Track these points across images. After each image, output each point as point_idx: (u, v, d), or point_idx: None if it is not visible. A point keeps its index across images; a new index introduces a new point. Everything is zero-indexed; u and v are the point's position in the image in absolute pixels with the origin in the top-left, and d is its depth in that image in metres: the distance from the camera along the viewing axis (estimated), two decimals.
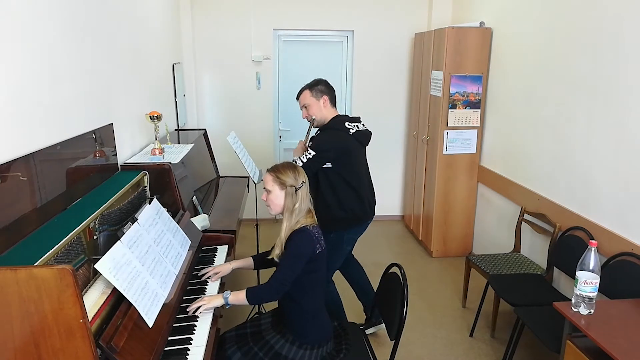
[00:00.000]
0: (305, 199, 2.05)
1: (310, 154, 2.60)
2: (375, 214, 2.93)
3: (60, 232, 1.67)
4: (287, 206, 2.03)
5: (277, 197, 2.04)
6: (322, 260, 2.05)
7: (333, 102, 2.75)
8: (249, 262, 2.32)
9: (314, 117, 2.73)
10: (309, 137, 2.82)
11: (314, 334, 2.06)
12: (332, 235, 2.72)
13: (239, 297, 1.99)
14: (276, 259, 2.06)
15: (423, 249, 4.50)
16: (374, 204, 2.86)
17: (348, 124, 2.66)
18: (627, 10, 2.45)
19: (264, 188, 2.09)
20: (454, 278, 3.89)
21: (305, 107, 2.73)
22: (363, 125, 2.76)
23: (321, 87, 2.71)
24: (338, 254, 2.79)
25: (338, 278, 2.98)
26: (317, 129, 2.81)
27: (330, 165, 2.63)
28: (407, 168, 5.02)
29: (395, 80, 4.92)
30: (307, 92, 2.72)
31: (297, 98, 2.78)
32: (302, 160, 2.62)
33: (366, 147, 2.82)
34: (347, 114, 2.72)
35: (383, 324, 2.96)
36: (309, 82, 2.79)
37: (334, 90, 2.77)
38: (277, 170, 2.05)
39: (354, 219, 2.72)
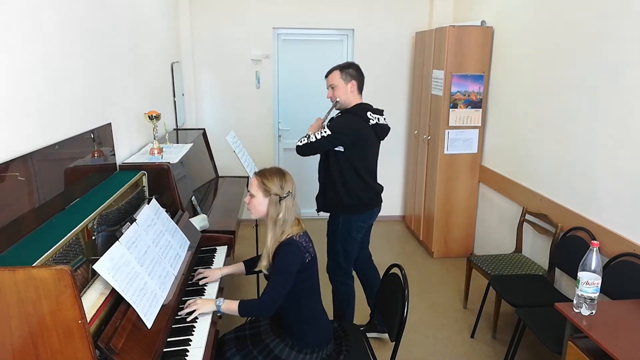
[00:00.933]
0: (292, 209, 1.98)
1: (325, 132, 2.60)
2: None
3: (59, 233, 1.66)
4: (270, 215, 1.97)
5: (260, 203, 1.99)
6: (313, 268, 2.02)
7: (360, 88, 2.74)
8: (240, 267, 2.29)
9: (338, 100, 2.71)
10: (328, 118, 2.81)
11: (313, 338, 2.04)
12: (341, 223, 2.74)
13: (230, 307, 1.95)
14: (264, 271, 2.02)
15: (424, 250, 4.49)
16: (381, 191, 2.85)
17: (370, 114, 2.65)
18: (629, 9, 2.44)
19: (248, 191, 2.04)
20: (455, 279, 3.88)
21: (332, 87, 2.71)
22: (384, 119, 2.76)
23: (352, 71, 2.69)
24: (350, 243, 2.79)
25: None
26: (338, 111, 2.79)
27: (342, 150, 2.63)
28: (408, 168, 5.00)
29: (396, 80, 4.90)
30: (337, 73, 2.70)
31: (326, 76, 2.76)
32: (316, 137, 2.62)
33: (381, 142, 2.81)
34: (371, 104, 2.72)
35: (386, 334, 2.96)
36: (340, 63, 2.76)
37: (363, 77, 2.75)
38: (263, 175, 1.99)
39: (361, 205, 2.72)
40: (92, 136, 2.25)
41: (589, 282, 1.97)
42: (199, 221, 2.69)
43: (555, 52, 3.04)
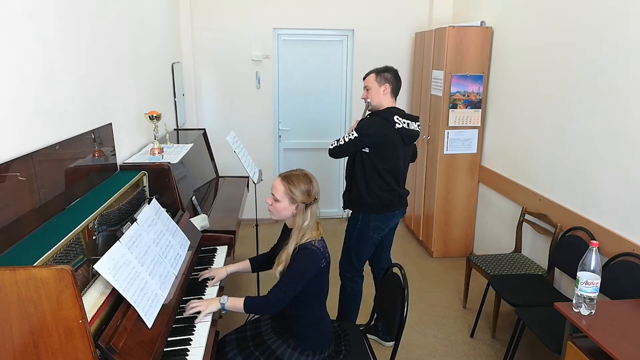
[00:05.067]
0: (315, 213, 1.98)
1: (353, 134, 2.66)
2: None
3: (59, 233, 1.66)
4: (297, 223, 1.95)
5: (285, 208, 1.96)
6: (326, 273, 2.02)
7: (394, 92, 2.77)
8: (246, 265, 2.29)
9: (369, 101, 2.78)
10: (362, 119, 2.85)
11: (316, 340, 2.04)
12: (359, 220, 2.78)
13: (236, 305, 1.95)
14: (278, 276, 1.99)
15: (423, 249, 4.49)
16: (405, 195, 2.88)
17: (397, 118, 2.68)
18: (629, 9, 2.44)
19: (272, 194, 1.98)
20: (455, 278, 3.88)
21: (367, 89, 2.78)
22: (418, 125, 2.79)
23: (387, 75, 2.74)
24: (365, 241, 2.81)
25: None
26: (369, 112, 2.83)
27: (367, 151, 2.68)
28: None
29: None
30: (372, 76, 2.76)
31: (364, 78, 2.82)
32: (344, 139, 2.68)
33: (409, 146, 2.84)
34: (403, 110, 2.80)
35: (388, 343, 2.96)
36: (379, 67, 2.80)
37: (399, 82, 2.79)
38: (291, 182, 1.94)
39: (381, 204, 2.75)
40: (93, 136, 2.25)
41: (588, 282, 1.97)
42: (200, 221, 2.69)
43: (555, 53, 3.04)
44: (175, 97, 4.09)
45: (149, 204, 2.14)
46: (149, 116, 2.82)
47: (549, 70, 3.11)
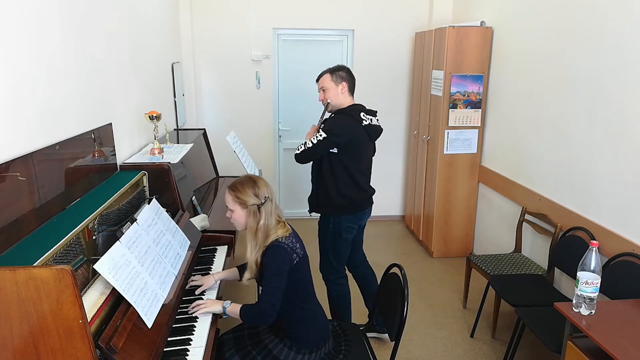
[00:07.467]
0: (273, 212, 1.98)
1: (320, 135, 2.62)
2: (376, 214, 2.92)
3: (59, 233, 1.67)
4: (249, 226, 1.96)
5: (241, 216, 1.99)
6: (303, 268, 2.01)
7: (352, 90, 2.77)
8: (234, 273, 2.26)
9: (329, 101, 2.75)
10: (322, 121, 2.82)
11: (311, 338, 2.04)
12: (331, 223, 2.76)
13: (234, 311, 1.97)
14: (245, 282, 2.02)
15: (423, 249, 4.49)
16: (373, 193, 2.87)
17: (363, 115, 2.67)
18: (629, 9, 2.44)
19: (226, 206, 2.03)
20: (455, 278, 3.88)
21: (323, 90, 2.76)
22: (377, 120, 2.78)
23: (342, 74, 2.73)
24: (340, 243, 2.80)
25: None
26: (330, 113, 2.81)
27: (336, 151, 2.65)
28: (408, 168, 5.01)
29: (396, 80, 4.91)
30: (327, 76, 2.73)
31: (317, 80, 2.80)
32: (312, 142, 2.63)
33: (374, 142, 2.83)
34: (364, 105, 2.77)
35: (386, 334, 2.96)
36: (331, 66, 2.79)
37: (354, 79, 2.78)
38: (236, 189, 1.97)
39: (352, 205, 2.73)
40: (93, 136, 2.25)
41: (588, 282, 1.97)
42: (200, 221, 2.70)
43: (555, 53, 3.04)
44: (175, 97, 4.09)
45: (149, 204, 2.14)
46: (149, 116, 2.83)
47: (549, 70, 3.11)
